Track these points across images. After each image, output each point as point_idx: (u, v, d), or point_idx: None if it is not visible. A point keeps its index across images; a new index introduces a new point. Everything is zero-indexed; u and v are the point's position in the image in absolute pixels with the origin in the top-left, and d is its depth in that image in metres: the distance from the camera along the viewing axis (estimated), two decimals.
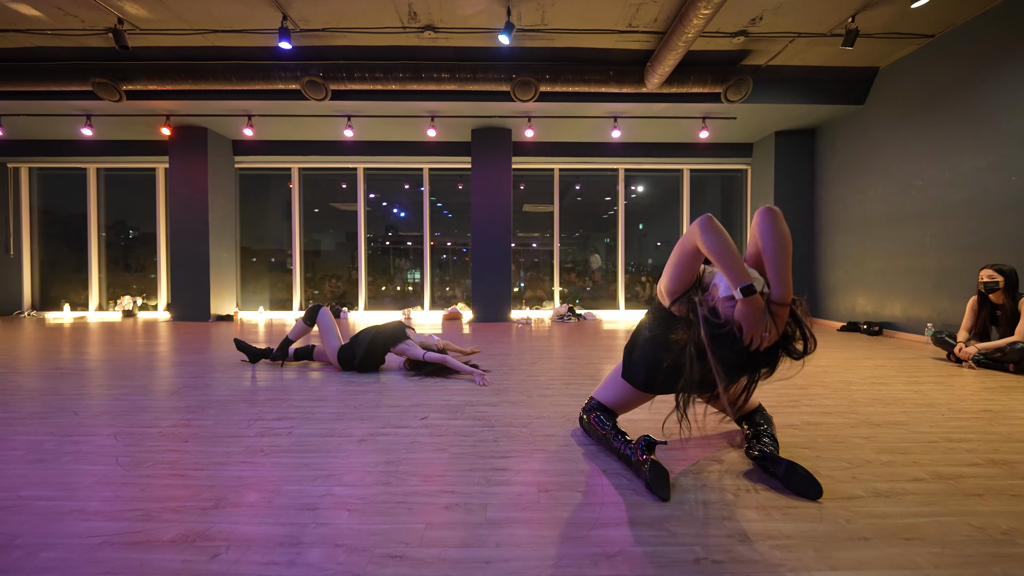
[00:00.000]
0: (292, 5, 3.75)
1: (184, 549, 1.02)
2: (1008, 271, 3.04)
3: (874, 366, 3.11)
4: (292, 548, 1.03)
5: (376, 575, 0.94)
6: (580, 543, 1.05)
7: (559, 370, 2.96)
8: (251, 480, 1.37)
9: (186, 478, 1.38)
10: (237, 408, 2.09)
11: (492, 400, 2.24)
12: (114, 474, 1.41)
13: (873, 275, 4.88)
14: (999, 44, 3.58)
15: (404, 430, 1.82)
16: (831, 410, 2.08)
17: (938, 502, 1.25)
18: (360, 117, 5.43)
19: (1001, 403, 2.21)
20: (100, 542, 1.05)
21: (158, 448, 1.62)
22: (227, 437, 1.73)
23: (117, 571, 0.95)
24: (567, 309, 6.36)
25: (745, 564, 0.98)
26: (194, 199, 5.96)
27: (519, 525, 1.13)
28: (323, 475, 1.40)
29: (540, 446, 1.65)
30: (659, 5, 3.72)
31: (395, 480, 1.37)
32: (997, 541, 1.07)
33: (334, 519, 1.15)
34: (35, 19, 3.91)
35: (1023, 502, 1.24)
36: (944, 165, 4.04)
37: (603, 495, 1.28)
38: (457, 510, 1.20)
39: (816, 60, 4.64)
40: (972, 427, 1.86)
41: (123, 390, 2.41)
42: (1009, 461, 1.52)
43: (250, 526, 1.12)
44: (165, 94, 4.86)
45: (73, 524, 1.13)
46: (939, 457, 1.55)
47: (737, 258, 1.12)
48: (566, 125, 5.72)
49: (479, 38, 4.27)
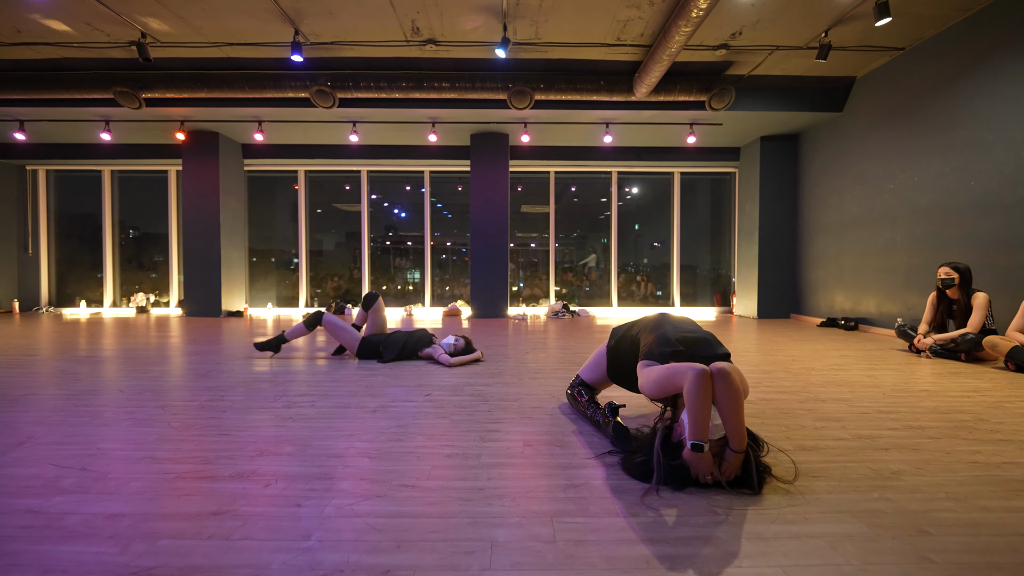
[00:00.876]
0: (304, 21, 4.03)
1: (241, 481, 1.30)
2: (963, 268, 3.32)
3: (840, 356, 3.39)
4: (327, 480, 1.30)
5: (396, 496, 1.21)
6: (554, 478, 1.33)
7: (550, 359, 3.24)
8: (285, 437, 1.65)
9: (231, 437, 1.66)
10: (262, 387, 2.37)
11: (488, 381, 2.52)
12: (170, 433, 1.69)
13: (850, 273, 5.16)
14: (962, 57, 3.86)
15: (411, 403, 2.09)
16: (786, 390, 2.36)
17: (850, 453, 1.52)
18: (365, 123, 5.71)
19: (941, 385, 2.49)
20: (174, 477, 1.33)
21: (202, 416, 1.90)
22: (258, 408, 2.00)
23: (193, 494, 1.23)
24: (562, 306, 6.64)
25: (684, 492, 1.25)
26: (206, 200, 6.24)
27: (506, 467, 1.41)
28: (345, 435, 1.68)
29: (528, 415, 1.93)
30: (645, 21, 4.00)
31: (405, 438, 1.65)
32: (884, 477, 1.34)
33: (358, 463, 1.43)
34: (63, 33, 4.19)
35: (920, 454, 1.52)
36: (913, 170, 4.31)
37: (576, 448, 1.56)
38: (456, 458, 1.48)
39: (796, 70, 4.92)
40: (905, 403, 2.14)
41: (156, 373, 2.69)
42: (924, 426, 1.80)
43: (292, 467, 1.40)
44: (181, 101, 5.14)
45: (149, 466, 1.41)
46: (865, 423, 1.83)
47: (705, 418, 1.23)
48: (560, 130, 6.00)
49: (477, 50, 4.55)
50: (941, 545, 1.00)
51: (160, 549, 0.98)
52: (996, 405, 2.10)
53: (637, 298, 7.63)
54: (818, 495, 1.23)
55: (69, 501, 1.18)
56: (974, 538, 1.03)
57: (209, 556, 0.95)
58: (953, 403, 2.13)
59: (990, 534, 1.05)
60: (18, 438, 1.64)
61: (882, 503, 1.19)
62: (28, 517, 1.10)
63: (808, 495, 1.22)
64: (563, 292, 7.41)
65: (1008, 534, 1.05)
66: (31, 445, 1.57)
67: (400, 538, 1.02)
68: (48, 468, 1.38)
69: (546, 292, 7.40)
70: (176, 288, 7.13)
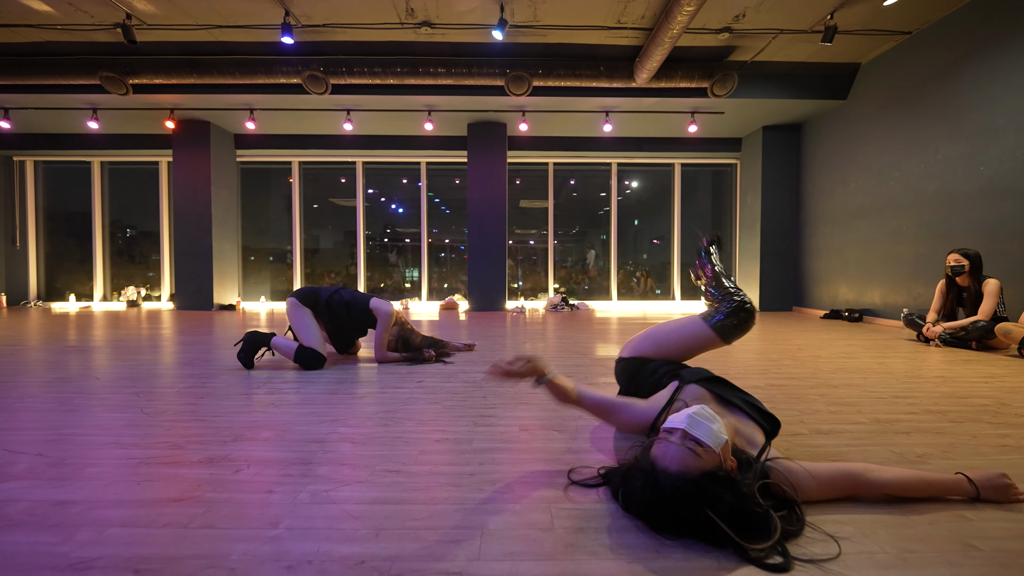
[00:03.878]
0: (294, 2, 3.90)
1: (210, 467, 1.19)
2: (973, 255, 3.22)
3: (846, 345, 3.29)
4: (304, 466, 1.19)
5: (378, 481, 1.10)
6: (552, 463, 1.22)
7: (548, 349, 3.13)
8: (264, 423, 1.53)
9: (206, 422, 1.55)
10: (246, 374, 2.26)
11: (483, 369, 2.41)
12: (141, 419, 1.57)
13: (854, 264, 5.06)
14: (970, 40, 3.75)
15: (402, 390, 1.98)
16: (796, 377, 2.25)
17: (869, 437, 1.42)
18: (359, 111, 5.58)
19: (955, 372, 2.39)
20: (137, 463, 1.21)
21: (177, 402, 1.78)
22: (239, 395, 1.89)
23: (155, 480, 1.11)
24: (561, 299, 6.53)
25: None
26: (198, 191, 6.10)
27: (501, 452, 1.30)
28: (329, 419, 1.57)
29: (524, 400, 1.82)
30: (646, 2, 3.88)
31: (393, 423, 1.54)
32: (910, 461, 1.24)
33: (339, 448, 1.32)
34: (46, 14, 4.05)
35: (944, 438, 1.42)
36: (919, 157, 4.21)
37: (576, 432, 1.45)
38: (447, 443, 1.37)
39: (800, 56, 4.81)
40: (921, 388, 2.03)
41: (138, 362, 2.57)
42: (944, 411, 1.70)
43: (267, 453, 1.28)
44: (170, 88, 5.00)
45: (111, 451, 1.29)
46: (883, 408, 1.73)
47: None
48: (559, 119, 5.88)
49: (474, 34, 4.43)
50: (982, 531, 0.90)
51: (107, 538, 0.86)
52: (1016, 390, 2.00)
53: (637, 293, 7.53)
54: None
55: (16, 488, 1.07)
56: (1016, 524, 0.93)
57: (161, 546, 0.84)
58: (970, 388, 2.03)
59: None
60: None
61: None
62: None
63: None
64: (561, 289, 7.30)
65: None
66: None
67: (379, 526, 0.91)
68: (1, 453, 1.27)
69: (545, 289, 7.29)
70: (168, 282, 7.00)
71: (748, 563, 0.78)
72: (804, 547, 0.83)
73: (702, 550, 0.83)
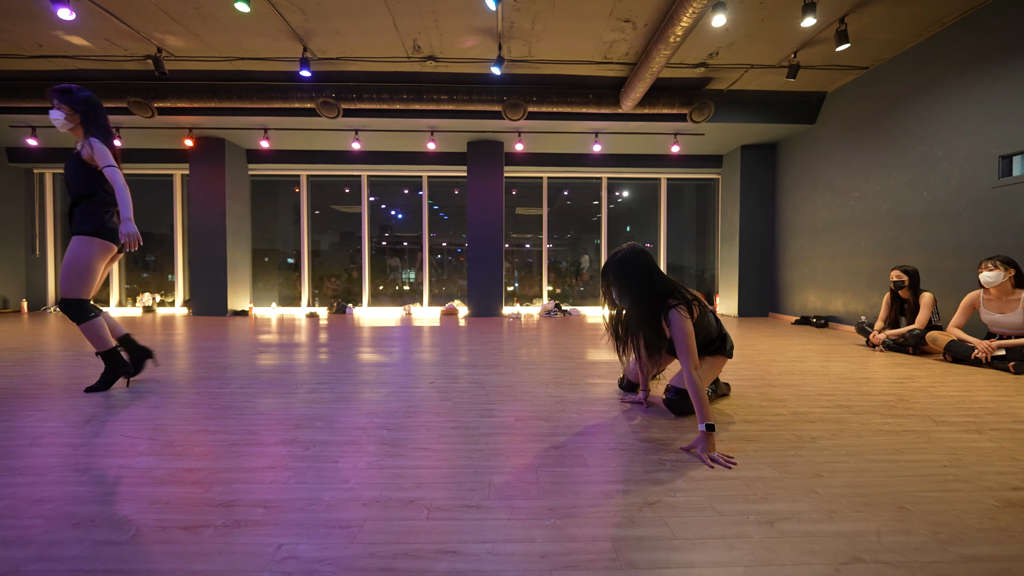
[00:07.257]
0: (312, 39, 4.32)
1: (286, 446, 1.60)
2: (911, 271, 3.68)
3: (802, 350, 3.74)
4: (356, 445, 1.61)
5: (413, 455, 1.52)
6: (539, 443, 1.65)
7: (541, 353, 3.56)
8: (313, 415, 1.95)
9: (267, 415, 1.96)
10: (281, 379, 2.66)
11: (485, 371, 2.83)
12: (213, 412, 1.98)
13: (821, 275, 5.53)
14: (916, 79, 4.23)
15: (417, 390, 2.40)
16: (745, 378, 2.69)
17: (782, 424, 1.85)
18: (367, 131, 6.00)
19: (882, 374, 2.84)
20: (229, 444, 1.63)
21: (236, 399, 2.19)
22: (284, 394, 2.30)
23: (249, 455, 1.52)
24: (554, 305, 6.96)
25: (653, 443, 1.57)
26: (212, 204, 6.48)
27: (501, 436, 1.72)
28: (364, 413, 1.99)
29: (519, 398, 2.24)
30: (628, 43, 4.33)
31: (415, 415, 1.96)
32: (804, 441, 1.67)
33: (379, 433, 1.73)
34: (83, 48, 4.44)
35: (839, 425, 1.85)
36: (875, 180, 4.69)
37: (558, 422, 1.88)
38: (459, 430, 1.79)
39: (771, 85, 5.28)
40: (845, 388, 2.48)
41: (181, 366, 2.97)
42: (851, 405, 2.14)
43: (325, 436, 1.70)
44: (192, 111, 5.40)
45: (204, 436, 1.70)
46: (803, 403, 2.17)
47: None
48: (552, 139, 6.32)
49: (474, 66, 4.86)
50: (827, 484, 1.33)
51: (235, 491, 1.28)
52: (921, 389, 2.45)
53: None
54: (747, 453, 1.55)
55: (149, 460, 1.48)
56: (855, 477, 1.36)
57: (274, 494, 1.25)
58: (885, 388, 2.47)
59: (868, 475, 1.38)
60: (84, 416, 1.92)
61: (795, 458, 1.51)
62: (122, 471, 1.40)
63: (739, 453, 1.55)
64: (557, 292, 7.73)
65: (885, 476, 1.38)
66: (96, 422, 1.85)
67: (420, 481, 1.33)
68: (121, 439, 1.67)
69: (540, 292, 7.72)
70: (181, 288, 7.36)
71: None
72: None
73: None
